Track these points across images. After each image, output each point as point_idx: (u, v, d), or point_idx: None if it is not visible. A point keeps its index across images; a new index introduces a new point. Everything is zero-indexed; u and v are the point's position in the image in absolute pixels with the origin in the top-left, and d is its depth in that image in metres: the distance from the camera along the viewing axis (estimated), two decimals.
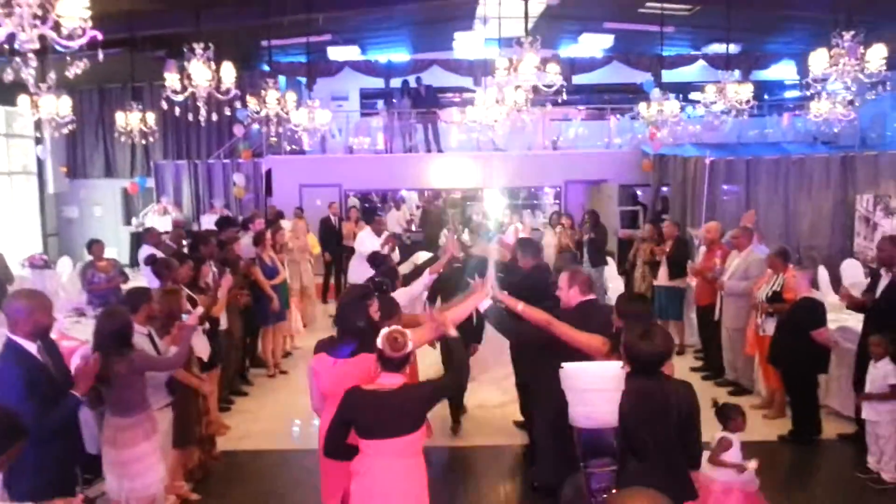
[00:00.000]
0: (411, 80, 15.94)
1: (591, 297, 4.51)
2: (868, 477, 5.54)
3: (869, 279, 6.42)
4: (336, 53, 16.92)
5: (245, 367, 8.09)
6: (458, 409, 6.66)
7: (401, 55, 17.81)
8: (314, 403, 3.96)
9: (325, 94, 17.22)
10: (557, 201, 15.92)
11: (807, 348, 6.13)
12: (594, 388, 3.31)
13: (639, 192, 15.79)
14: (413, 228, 14.82)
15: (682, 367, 8.46)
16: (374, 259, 6.89)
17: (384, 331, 3.45)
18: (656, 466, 3.21)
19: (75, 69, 4.15)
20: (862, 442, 5.82)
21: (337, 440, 3.46)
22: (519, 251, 6.28)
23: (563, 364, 3.46)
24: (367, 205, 16.81)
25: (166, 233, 12.98)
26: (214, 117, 8.26)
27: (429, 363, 6.12)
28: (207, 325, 5.83)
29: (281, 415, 7.17)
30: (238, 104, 9.36)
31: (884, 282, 5.95)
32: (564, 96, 8.91)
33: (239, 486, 5.63)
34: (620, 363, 3.40)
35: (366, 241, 9.96)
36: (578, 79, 16.83)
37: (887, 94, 12.85)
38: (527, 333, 4.52)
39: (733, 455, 4.54)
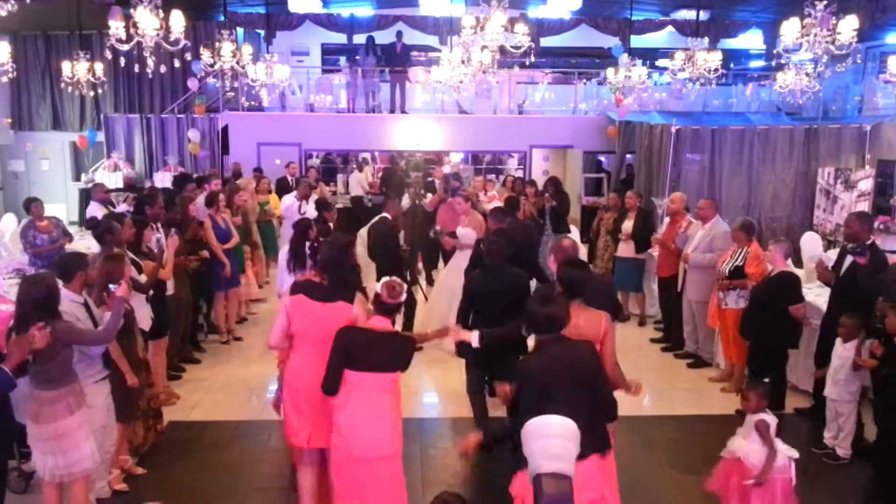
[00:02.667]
0: (376, 35, 15.47)
1: None
2: (823, 452, 5.56)
3: (837, 252, 6.37)
4: (297, 5, 16.30)
5: (196, 333, 7.79)
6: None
7: (364, 10, 17.24)
8: (275, 339, 4.16)
9: (285, 48, 16.65)
10: (521, 166, 15.75)
11: (780, 322, 6.07)
12: (557, 435, 3.35)
13: (602, 159, 15.71)
14: (375, 190, 14.51)
15: (642, 339, 8.47)
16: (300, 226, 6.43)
17: (384, 279, 3.93)
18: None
19: (0, 10, 3.76)
20: (818, 417, 5.85)
21: (335, 373, 3.79)
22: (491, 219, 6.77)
23: (526, 423, 3.42)
24: (327, 165, 16.42)
25: (116, 189, 12.49)
26: (163, 69, 7.81)
27: None
28: (152, 292, 5.53)
29: (234, 384, 6.94)
30: (189, 56, 8.88)
31: (850, 258, 5.91)
32: (532, 58, 8.67)
33: (187, 458, 5.41)
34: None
35: (291, 208, 9.44)
36: (546, 41, 16.51)
37: (852, 67, 12.91)
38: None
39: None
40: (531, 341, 4.01)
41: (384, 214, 7.75)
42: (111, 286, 4.29)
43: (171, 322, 6.26)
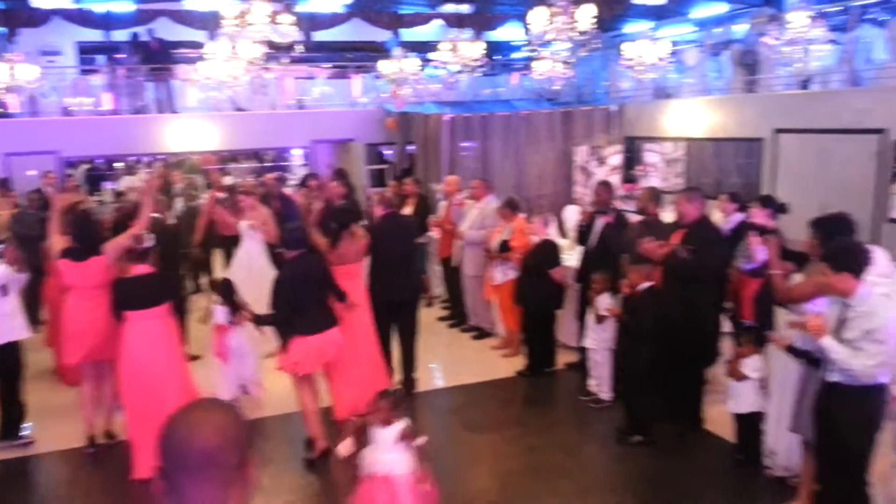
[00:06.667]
0: (142, 32, 14.50)
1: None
2: (590, 398, 6.19)
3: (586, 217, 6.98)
4: (41, 0, 14.79)
5: None
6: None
7: (123, 5, 16.05)
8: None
9: (32, 47, 15.04)
10: (307, 163, 15.60)
11: (546, 287, 6.66)
12: None
13: (387, 151, 16.01)
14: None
15: (430, 318, 8.77)
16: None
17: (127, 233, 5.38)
18: (314, 310, 5.22)
19: None
20: (584, 368, 6.48)
21: (116, 312, 5.07)
22: None
23: None
24: (93, 172, 15.16)
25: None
26: None
27: None
28: None
29: None
30: None
31: (599, 223, 6.59)
32: (300, 49, 8.61)
33: None
34: None
35: None
36: (320, 35, 16.47)
37: (598, 54, 14.28)
38: None
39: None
40: None
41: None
42: None
43: None
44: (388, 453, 3.92)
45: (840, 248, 3.61)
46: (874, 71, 9.31)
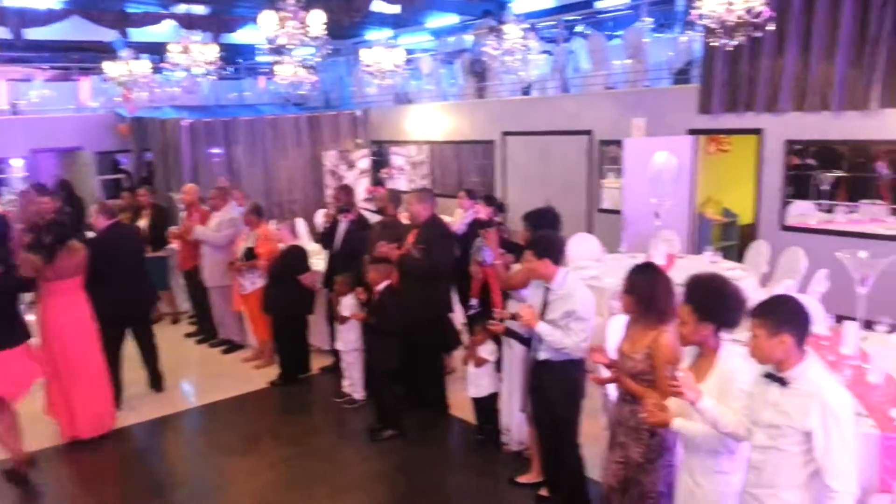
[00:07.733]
0: None
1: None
2: (344, 399, 6.27)
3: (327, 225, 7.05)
4: None
5: None
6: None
7: None
8: None
9: None
10: (28, 174, 13.92)
11: (296, 292, 6.60)
12: None
13: (124, 159, 14.81)
14: None
15: (177, 335, 8.34)
16: None
17: None
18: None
19: None
20: (339, 371, 6.54)
21: None
22: None
23: None
24: None
25: None
26: None
27: None
28: None
29: None
30: None
31: (342, 226, 6.68)
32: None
33: None
34: None
35: None
36: (36, 33, 14.74)
37: (343, 60, 14.49)
38: None
39: None
40: None
41: None
42: None
43: None
44: None
45: (541, 237, 4.03)
46: (581, 79, 10.50)
